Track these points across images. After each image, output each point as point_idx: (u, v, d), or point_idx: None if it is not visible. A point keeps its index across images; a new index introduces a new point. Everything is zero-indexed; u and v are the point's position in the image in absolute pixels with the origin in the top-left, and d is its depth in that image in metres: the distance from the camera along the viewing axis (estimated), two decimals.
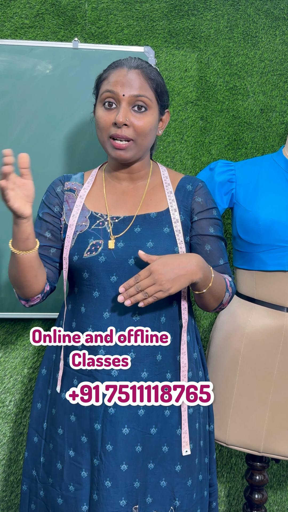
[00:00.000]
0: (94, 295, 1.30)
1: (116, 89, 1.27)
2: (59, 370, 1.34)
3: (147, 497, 1.29)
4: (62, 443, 1.32)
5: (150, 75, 1.30)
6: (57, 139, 1.81)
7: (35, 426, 1.41)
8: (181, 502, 1.31)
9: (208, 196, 1.38)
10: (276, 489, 2.16)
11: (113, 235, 1.30)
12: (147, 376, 1.28)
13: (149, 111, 1.29)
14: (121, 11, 1.86)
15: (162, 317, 1.31)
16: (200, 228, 1.35)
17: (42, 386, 1.42)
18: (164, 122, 1.38)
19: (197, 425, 1.36)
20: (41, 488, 1.37)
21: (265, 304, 1.63)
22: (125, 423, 1.27)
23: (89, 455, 1.29)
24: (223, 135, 1.96)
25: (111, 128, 1.28)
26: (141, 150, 1.31)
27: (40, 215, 1.40)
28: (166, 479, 1.30)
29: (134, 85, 1.27)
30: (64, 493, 1.31)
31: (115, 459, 1.26)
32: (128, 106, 1.27)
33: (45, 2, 1.83)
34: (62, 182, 1.41)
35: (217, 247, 1.37)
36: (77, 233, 1.32)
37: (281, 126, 1.97)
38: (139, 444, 1.27)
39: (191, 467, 1.34)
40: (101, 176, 1.41)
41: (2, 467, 2.00)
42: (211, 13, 1.91)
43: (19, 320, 1.93)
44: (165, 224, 1.32)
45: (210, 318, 2.04)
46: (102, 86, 1.31)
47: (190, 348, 1.36)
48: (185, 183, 1.38)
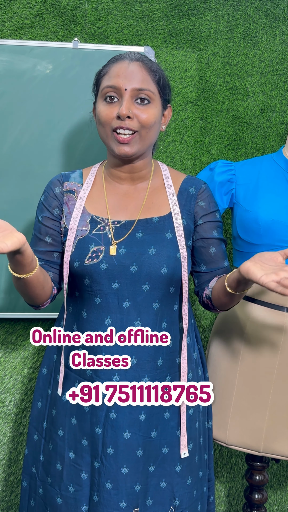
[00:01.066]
0: (96, 301, 1.28)
1: (118, 83, 1.24)
2: (60, 373, 1.34)
3: (147, 500, 1.29)
4: (62, 445, 1.32)
5: (152, 67, 1.27)
6: (57, 139, 1.81)
7: (35, 424, 1.41)
8: (181, 501, 1.32)
9: (211, 199, 1.37)
10: (276, 489, 2.16)
11: (114, 240, 1.28)
12: (148, 381, 1.28)
13: (152, 103, 1.26)
14: (121, 11, 1.86)
15: (163, 322, 1.30)
16: (204, 231, 1.34)
17: (42, 386, 1.41)
18: (167, 117, 1.35)
19: (197, 423, 1.36)
20: (40, 486, 1.37)
21: (265, 304, 1.63)
22: (126, 428, 1.26)
23: (90, 458, 1.29)
24: (223, 135, 1.96)
25: (113, 121, 1.24)
26: (145, 144, 1.28)
27: (40, 218, 1.36)
28: (166, 480, 1.30)
29: (136, 77, 1.24)
30: (63, 493, 1.31)
31: (116, 462, 1.25)
32: (131, 99, 1.24)
33: (45, 2, 1.83)
34: (61, 182, 1.36)
35: (220, 250, 1.37)
36: (78, 238, 1.29)
37: (281, 126, 1.97)
38: (140, 448, 1.27)
39: (191, 465, 1.34)
40: (100, 176, 1.38)
41: (2, 467, 2.00)
42: (211, 13, 1.91)
43: (19, 320, 1.93)
44: (167, 229, 1.30)
45: (210, 318, 2.04)
46: (103, 81, 1.28)
47: (190, 350, 1.36)
48: (187, 186, 1.36)
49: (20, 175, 1.81)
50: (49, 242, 1.35)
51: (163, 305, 1.29)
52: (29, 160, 1.80)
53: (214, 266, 1.36)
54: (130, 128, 1.23)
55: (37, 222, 1.37)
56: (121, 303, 1.26)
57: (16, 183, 1.81)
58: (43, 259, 1.36)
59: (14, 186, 1.81)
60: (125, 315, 1.27)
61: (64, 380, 1.33)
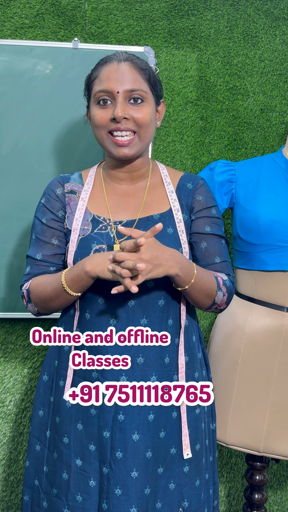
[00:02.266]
0: (99, 301, 1.27)
1: (110, 86, 1.24)
2: (68, 377, 1.30)
3: (157, 503, 1.27)
4: (68, 453, 1.28)
5: (141, 65, 1.27)
6: (57, 139, 1.81)
7: (37, 434, 1.36)
8: (189, 503, 1.30)
9: (209, 194, 1.37)
10: (276, 489, 2.16)
11: (117, 239, 1.28)
12: (156, 379, 1.27)
13: (145, 102, 1.26)
14: (121, 11, 1.86)
15: (169, 319, 1.29)
16: (197, 226, 1.34)
17: (43, 393, 1.37)
18: (161, 112, 1.35)
19: (203, 424, 1.35)
20: (44, 498, 1.32)
21: (265, 304, 1.63)
22: (135, 429, 1.24)
23: (98, 464, 1.26)
24: (223, 135, 1.96)
25: (109, 124, 1.25)
26: (144, 144, 1.28)
27: (44, 221, 1.33)
28: (174, 481, 1.28)
29: (127, 78, 1.24)
30: (71, 503, 1.26)
31: (125, 467, 1.23)
32: (125, 100, 1.24)
33: (45, 2, 1.83)
34: (62, 184, 1.36)
35: (214, 245, 1.34)
36: (80, 237, 1.29)
37: (281, 126, 1.97)
38: (149, 449, 1.25)
39: (199, 467, 1.33)
40: (99, 177, 1.38)
41: (2, 467, 2.00)
42: (211, 13, 1.91)
43: (19, 320, 1.93)
44: (168, 225, 1.30)
45: (210, 318, 2.04)
46: (94, 86, 1.28)
47: (195, 349, 1.35)
48: (185, 182, 1.37)
49: (20, 175, 1.81)
50: (56, 245, 1.33)
51: (168, 302, 1.28)
52: (29, 160, 1.80)
53: (204, 262, 1.34)
54: (128, 129, 1.24)
55: (39, 224, 1.35)
56: (126, 301, 1.26)
57: (16, 183, 1.81)
58: (54, 263, 1.33)
59: (14, 186, 1.81)
60: (131, 313, 1.26)
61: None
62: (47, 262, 1.33)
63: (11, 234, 1.83)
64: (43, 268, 1.33)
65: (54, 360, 1.36)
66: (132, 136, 1.25)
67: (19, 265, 1.84)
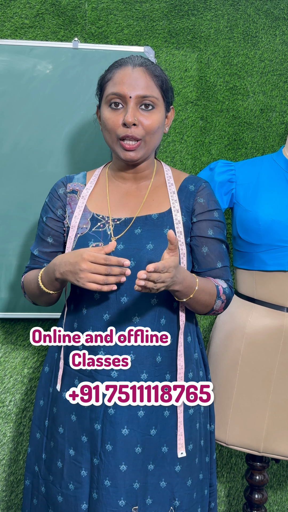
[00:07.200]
0: (95, 297, 1.30)
1: (123, 90, 1.26)
2: (60, 369, 1.35)
3: (147, 499, 1.29)
4: (63, 442, 1.33)
5: (155, 72, 1.30)
6: (57, 139, 1.81)
7: (37, 422, 1.42)
8: (181, 502, 1.31)
9: (211, 197, 1.37)
10: (276, 489, 2.16)
11: (114, 236, 1.30)
12: (147, 377, 1.28)
13: (156, 109, 1.29)
14: (121, 11, 1.86)
15: (162, 318, 1.30)
16: (199, 229, 1.34)
17: (44, 384, 1.42)
18: (170, 119, 1.38)
19: (198, 425, 1.36)
20: (42, 484, 1.38)
21: (265, 304, 1.63)
22: (125, 424, 1.27)
23: (89, 455, 1.30)
24: (223, 135, 1.96)
25: (119, 128, 1.27)
26: (150, 149, 1.31)
27: (44, 219, 1.40)
28: (165, 479, 1.30)
29: (140, 84, 1.27)
30: (64, 491, 1.31)
31: (114, 459, 1.26)
32: (136, 106, 1.27)
33: (45, 2, 1.83)
34: (65, 184, 1.40)
35: (215, 250, 1.35)
36: (78, 235, 1.32)
37: (281, 126, 1.97)
38: (139, 445, 1.27)
39: (191, 467, 1.34)
40: (104, 176, 1.41)
41: (2, 467, 2.00)
42: (211, 13, 1.91)
43: (19, 320, 1.93)
44: (166, 225, 1.31)
45: (210, 318, 2.04)
46: (107, 88, 1.30)
47: (190, 349, 1.35)
48: (188, 184, 1.37)
49: (20, 175, 1.81)
50: (50, 243, 1.39)
51: (162, 301, 1.29)
52: (29, 160, 1.81)
53: (205, 266, 1.35)
54: (135, 138, 1.27)
55: (41, 222, 1.42)
56: (119, 298, 1.27)
57: (16, 183, 1.81)
58: (48, 260, 1.40)
59: (14, 186, 1.81)
60: (123, 310, 1.27)
61: (64, 377, 1.34)
62: (41, 258, 1.41)
63: (11, 234, 1.83)
64: (38, 263, 1.41)
65: (55, 352, 1.40)
66: (138, 142, 1.28)
67: (19, 265, 1.84)
